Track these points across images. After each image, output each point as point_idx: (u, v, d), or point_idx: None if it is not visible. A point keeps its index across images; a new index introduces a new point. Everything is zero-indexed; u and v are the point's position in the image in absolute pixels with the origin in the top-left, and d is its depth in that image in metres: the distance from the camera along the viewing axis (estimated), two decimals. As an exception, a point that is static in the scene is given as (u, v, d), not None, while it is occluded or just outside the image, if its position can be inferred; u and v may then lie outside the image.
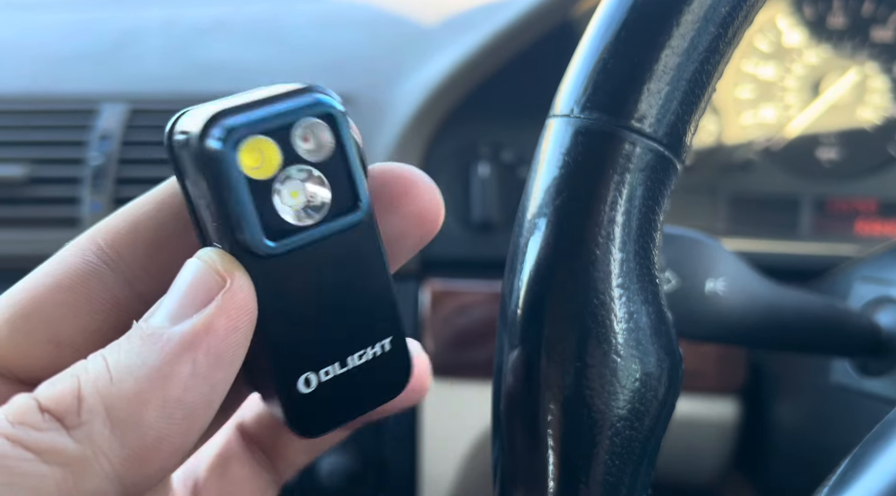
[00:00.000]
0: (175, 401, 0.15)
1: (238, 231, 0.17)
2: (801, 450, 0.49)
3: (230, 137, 0.16)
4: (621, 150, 0.22)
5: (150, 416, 0.15)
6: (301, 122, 0.17)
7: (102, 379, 0.15)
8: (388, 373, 0.20)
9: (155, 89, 0.67)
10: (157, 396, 0.15)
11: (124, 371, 0.15)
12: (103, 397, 0.15)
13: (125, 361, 0.15)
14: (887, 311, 0.38)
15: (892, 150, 0.64)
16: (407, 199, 0.20)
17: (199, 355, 0.16)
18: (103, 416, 0.15)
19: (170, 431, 0.15)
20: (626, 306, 0.22)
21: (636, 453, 0.23)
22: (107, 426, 0.15)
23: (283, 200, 0.17)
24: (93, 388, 0.15)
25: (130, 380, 0.15)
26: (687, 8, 0.23)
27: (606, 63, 0.23)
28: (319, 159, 0.18)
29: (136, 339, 0.16)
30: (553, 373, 0.22)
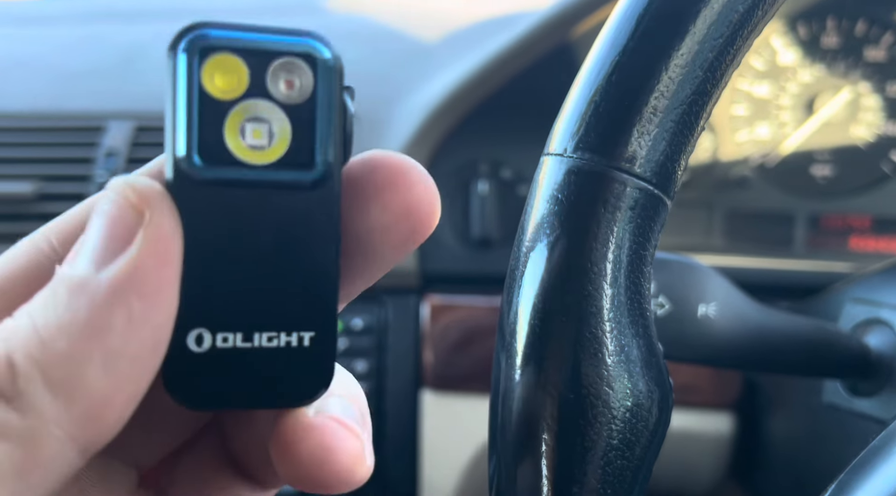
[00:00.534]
0: (117, 352, 0.14)
1: (176, 146, 0.16)
2: (794, 466, 0.50)
3: (196, 46, 0.16)
4: (612, 189, 0.23)
5: (92, 374, 0.14)
6: (283, 56, 0.16)
7: (32, 341, 0.14)
8: (298, 373, 0.17)
9: (160, 106, 0.68)
10: (97, 351, 0.14)
11: (55, 329, 0.14)
12: (37, 361, 0.14)
13: (54, 318, 0.14)
14: (877, 333, 0.39)
15: (886, 167, 0.65)
16: (395, 188, 0.18)
17: (132, 299, 0.14)
18: (42, 382, 0.14)
19: (118, 384, 0.14)
20: (618, 339, 0.23)
21: (627, 481, 0.24)
22: (48, 391, 0.14)
23: (234, 130, 0.16)
24: (24, 353, 0.14)
25: (63, 339, 0.14)
26: (675, 53, 0.24)
27: (598, 105, 0.24)
28: (290, 102, 0.16)
29: (61, 291, 0.14)
30: (547, 404, 0.23)
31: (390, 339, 0.63)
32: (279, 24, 0.56)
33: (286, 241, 0.16)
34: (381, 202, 0.18)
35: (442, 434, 0.62)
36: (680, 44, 0.23)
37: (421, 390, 0.63)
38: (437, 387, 0.62)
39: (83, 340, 0.14)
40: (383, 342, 0.63)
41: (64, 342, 0.14)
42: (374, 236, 0.18)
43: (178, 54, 0.16)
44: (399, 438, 0.63)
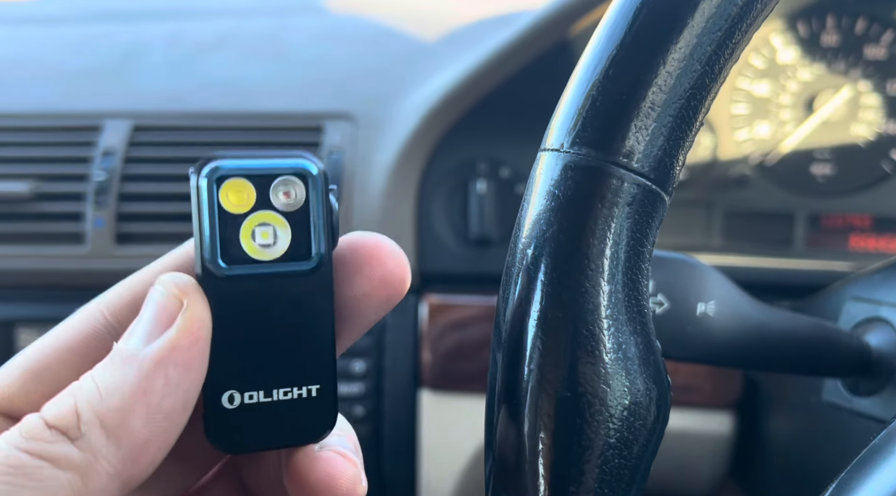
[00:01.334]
0: (155, 408, 0.19)
1: (203, 251, 0.20)
2: (795, 466, 0.49)
3: (214, 174, 0.20)
4: (609, 184, 0.23)
5: (136, 423, 0.19)
6: (281, 176, 0.21)
7: (94, 396, 0.19)
8: (309, 417, 0.22)
9: (157, 106, 0.68)
10: (140, 406, 0.19)
11: (111, 388, 0.19)
12: (96, 412, 0.18)
13: (110, 380, 0.19)
14: (877, 332, 0.39)
15: (886, 166, 0.65)
16: (373, 262, 0.22)
17: (170, 368, 0.19)
18: (98, 427, 0.18)
19: (154, 433, 0.19)
20: (615, 337, 0.23)
21: (625, 480, 0.23)
22: (102, 435, 0.18)
23: (247, 235, 0.21)
24: (87, 405, 0.18)
25: (117, 396, 0.18)
26: (673, 47, 0.23)
27: (595, 100, 0.24)
28: (288, 210, 0.21)
29: (117, 361, 0.19)
30: (543, 402, 0.23)
31: (388, 339, 0.62)
32: (281, 23, 0.57)
33: (292, 317, 0.21)
34: (362, 276, 0.22)
35: (440, 434, 0.62)
36: (678, 37, 0.23)
37: (419, 390, 0.63)
38: (436, 387, 0.62)
39: (131, 397, 0.19)
40: (381, 342, 0.63)
41: (117, 398, 0.18)
42: (358, 302, 0.22)
43: (200, 181, 0.20)
44: (397, 438, 0.63)
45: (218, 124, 0.66)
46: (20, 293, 0.64)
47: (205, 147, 0.65)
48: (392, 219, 0.62)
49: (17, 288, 0.63)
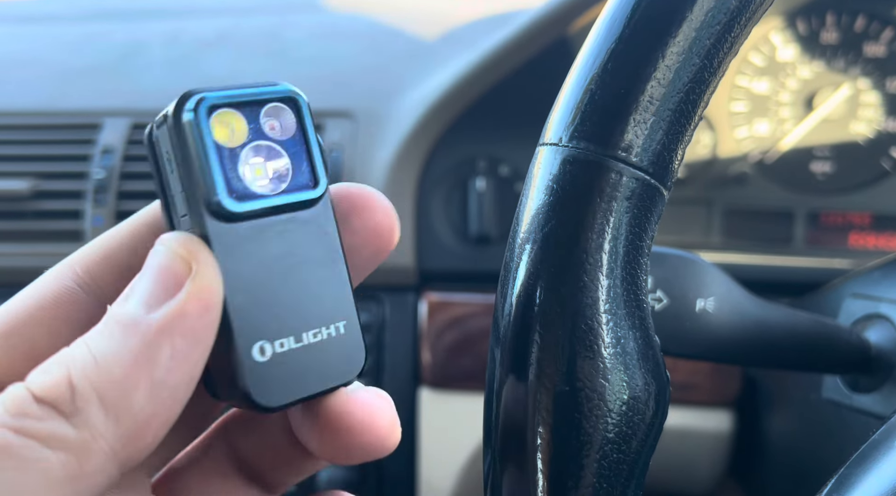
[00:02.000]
0: (160, 383, 0.17)
1: (208, 192, 0.18)
2: (794, 462, 0.49)
3: (201, 106, 0.18)
4: (608, 178, 0.23)
5: (139, 399, 0.16)
6: (268, 103, 0.20)
7: (90, 366, 0.16)
8: (341, 356, 0.21)
9: (157, 104, 0.68)
10: (144, 380, 0.16)
11: (110, 358, 0.16)
12: (94, 384, 0.16)
13: (108, 349, 0.16)
14: (877, 328, 0.39)
15: (886, 164, 0.65)
16: (362, 213, 0.21)
17: (177, 339, 0.17)
18: (97, 403, 0.16)
19: (158, 409, 0.17)
20: (614, 331, 0.23)
21: (624, 475, 0.23)
22: (101, 411, 0.16)
23: (248, 169, 0.19)
24: (82, 376, 0.16)
25: (117, 366, 0.16)
26: (672, 40, 0.23)
27: (593, 94, 0.24)
28: (282, 138, 0.20)
29: (114, 327, 0.17)
30: (542, 397, 0.23)
31: (388, 337, 0.62)
32: (280, 21, 0.58)
33: (306, 252, 0.20)
34: (350, 226, 0.21)
35: (440, 432, 0.62)
36: (676, 31, 0.23)
37: (419, 388, 0.63)
38: (435, 385, 0.62)
39: (134, 369, 0.16)
40: (381, 340, 0.63)
41: (118, 370, 0.16)
42: (348, 255, 0.21)
43: (185, 115, 0.18)
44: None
45: (217, 122, 0.66)
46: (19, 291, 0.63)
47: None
48: (391, 216, 0.62)
49: (16, 286, 0.63)
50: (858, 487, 0.24)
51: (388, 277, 0.62)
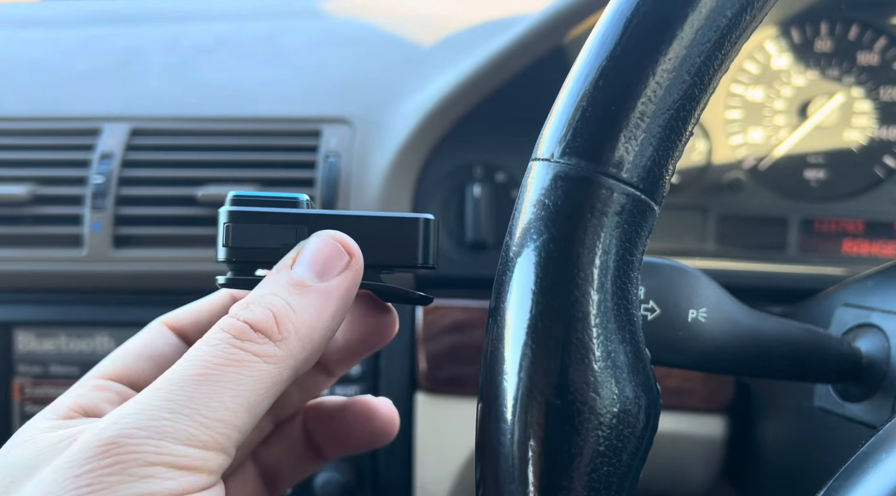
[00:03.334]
0: (328, 327, 0.26)
1: None
2: (786, 470, 0.50)
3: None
4: (599, 194, 0.23)
5: (316, 335, 0.25)
6: None
7: (288, 311, 0.25)
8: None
9: (156, 110, 0.68)
10: (320, 324, 0.26)
11: (302, 308, 0.25)
12: (293, 323, 0.25)
13: (297, 301, 0.25)
14: (868, 338, 0.39)
15: (879, 171, 0.65)
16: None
17: (340, 301, 0.26)
18: (295, 335, 0.25)
19: (322, 343, 0.26)
20: (605, 345, 0.23)
21: (614, 488, 0.23)
22: (297, 341, 0.25)
23: None
24: (285, 317, 0.25)
25: (307, 314, 0.25)
26: (663, 58, 0.24)
27: (585, 110, 0.24)
28: None
29: (295, 286, 0.26)
30: (533, 410, 0.23)
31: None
32: (279, 27, 0.60)
33: None
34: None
35: (435, 436, 0.62)
36: (667, 48, 0.23)
37: (415, 393, 0.63)
38: (431, 390, 0.62)
39: (317, 317, 0.26)
40: (377, 345, 0.63)
41: (307, 316, 0.25)
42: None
43: None
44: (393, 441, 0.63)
45: (216, 128, 0.66)
46: (18, 296, 0.64)
47: (202, 151, 0.65)
48: (388, 223, 0.62)
49: (15, 291, 0.64)
50: (846, 499, 0.24)
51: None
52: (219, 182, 0.63)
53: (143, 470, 0.21)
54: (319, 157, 0.64)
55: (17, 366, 0.63)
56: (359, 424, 0.33)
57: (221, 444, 0.23)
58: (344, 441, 0.33)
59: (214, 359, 0.23)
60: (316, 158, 0.64)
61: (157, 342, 0.31)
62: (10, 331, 0.63)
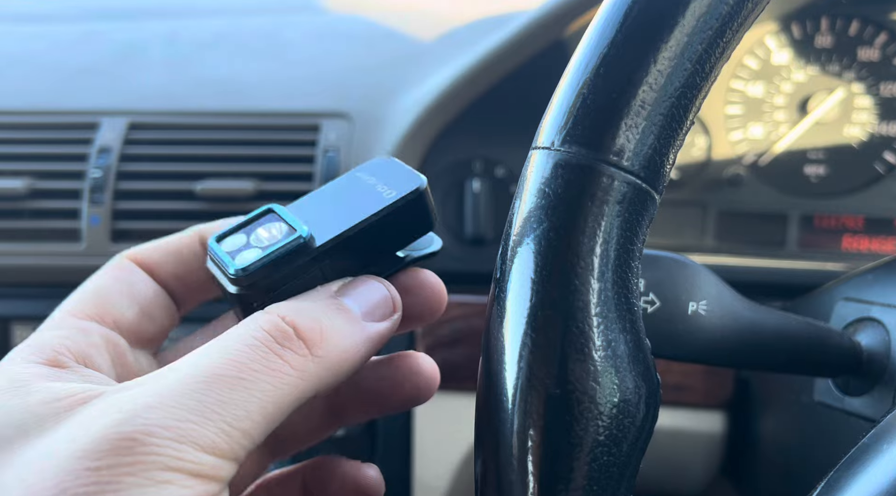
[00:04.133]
0: (353, 367, 0.25)
1: None
2: (785, 464, 0.50)
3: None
4: (599, 183, 0.23)
5: (344, 368, 0.25)
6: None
7: (333, 332, 0.24)
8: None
9: (154, 104, 0.68)
10: (351, 359, 0.25)
11: (345, 337, 0.25)
12: (334, 344, 0.24)
13: (343, 327, 0.25)
14: (868, 332, 0.39)
15: (879, 167, 0.65)
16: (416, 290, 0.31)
17: (372, 347, 0.26)
18: (330, 356, 0.24)
19: (341, 380, 0.25)
20: (605, 334, 0.23)
21: (614, 478, 0.23)
22: (327, 365, 0.24)
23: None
24: (329, 333, 0.24)
25: (347, 342, 0.25)
26: (664, 45, 0.23)
27: (585, 98, 0.24)
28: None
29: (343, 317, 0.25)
30: (533, 400, 0.23)
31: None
32: (278, 22, 0.61)
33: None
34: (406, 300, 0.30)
35: (434, 432, 0.62)
36: (669, 36, 0.23)
37: (413, 389, 0.63)
38: (430, 386, 0.62)
39: (353, 352, 0.25)
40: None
41: (345, 348, 0.25)
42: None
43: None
44: (391, 436, 0.63)
45: (214, 123, 0.66)
46: (16, 290, 0.63)
47: (201, 145, 0.65)
48: (387, 217, 0.62)
49: (13, 285, 0.63)
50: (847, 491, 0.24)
51: (383, 278, 0.62)
52: (217, 176, 0.63)
53: (162, 474, 0.20)
54: (318, 152, 0.63)
55: (15, 360, 0.62)
56: (407, 381, 0.32)
57: (236, 454, 0.22)
58: (385, 399, 0.32)
59: (251, 364, 0.22)
60: (315, 153, 0.64)
61: (133, 280, 0.29)
62: (8, 326, 0.63)
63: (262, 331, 0.23)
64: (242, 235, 0.27)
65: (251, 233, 0.27)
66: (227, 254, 0.26)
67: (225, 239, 0.27)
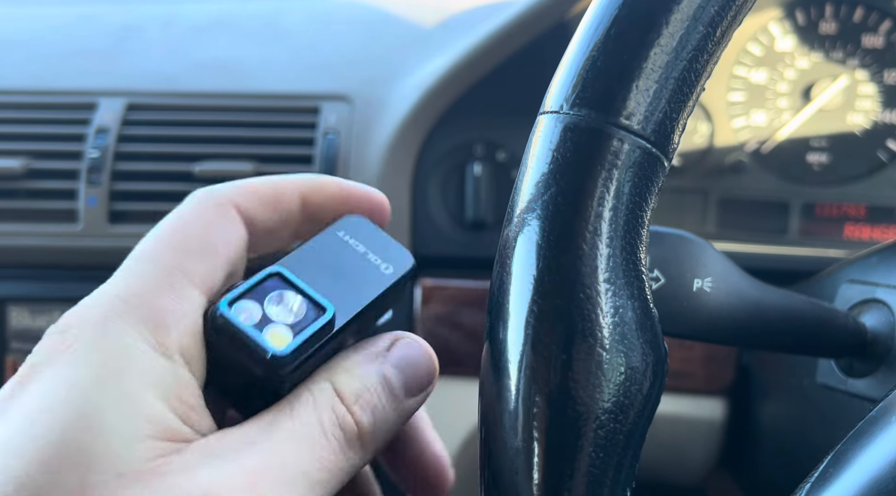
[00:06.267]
0: (391, 435, 0.25)
1: None
2: (787, 449, 0.49)
3: None
4: (609, 146, 0.23)
5: (382, 445, 0.25)
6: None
7: (380, 423, 0.25)
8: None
9: (153, 85, 0.67)
10: (390, 433, 0.25)
11: (388, 421, 0.25)
12: (376, 436, 0.25)
13: (388, 415, 0.25)
14: (873, 313, 0.39)
15: (882, 155, 0.65)
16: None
17: (405, 420, 0.26)
18: (373, 447, 0.24)
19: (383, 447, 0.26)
20: (612, 301, 0.23)
21: (620, 446, 0.23)
22: (372, 452, 0.24)
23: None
24: (380, 429, 0.25)
25: (388, 428, 0.25)
26: (676, 7, 0.23)
27: (596, 60, 0.23)
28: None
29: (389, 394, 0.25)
30: (539, 366, 0.23)
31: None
32: (278, 5, 0.60)
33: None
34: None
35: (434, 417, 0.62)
36: (681, -3, 0.23)
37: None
38: (429, 371, 0.61)
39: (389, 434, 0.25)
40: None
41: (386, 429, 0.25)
42: None
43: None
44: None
45: (213, 104, 0.65)
46: (12, 272, 0.63)
47: (199, 127, 0.64)
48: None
49: (9, 266, 0.63)
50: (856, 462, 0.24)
51: (382, 262, 0.62)
52: (215, 158, 0.62)
53: None
54: (318, 134, 0.63)
55: (11, 343, 0.62)
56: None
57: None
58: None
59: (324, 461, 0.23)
60: (315, 135, 0.63)
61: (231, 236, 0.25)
62: (4, 308, 0.62)
63: (336, 427, 0.23)
64: (254, 304, 0.24)
65: (263, 301, 0.24)
66: (255, 330, 0.23)
67: (234, 304, 0.24)
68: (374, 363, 0.25)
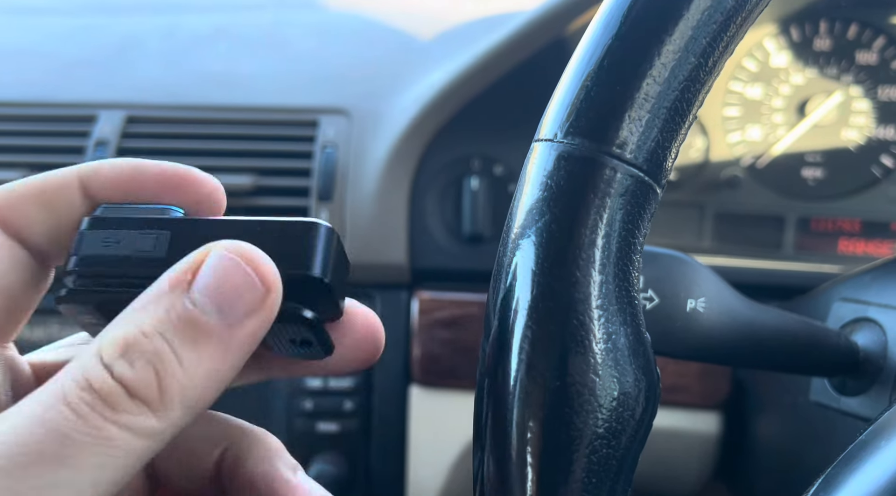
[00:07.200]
0: (221, 386, 0.20)
1: None
2: (781, 464, 0.50)
3: None
4: (602, 175, 0.23)
5: (206, 398, 0.19)
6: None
7: (177, 371, 0.19)
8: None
9: (153, 98, 0.68)
10: (214, 385, 0.19)
11: (195, 365, 0.19)
12: (180, 386, 0.19)
13: (191, 356, 0.19)
14: (865, 332, 0.39)
15: (876, 171, 0.66)
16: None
17: (244, 351, 0.20)
18: (179, 404, 0.19)
19: (210, 404, 0.20)
20: (605, 327, 0.23)
21: (613, 471, 0.23)
22: (181, 410, 0.19)
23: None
24: (171, 378, 0.18)
25: (201, 375, 0.19)
26: (668, 38, 0.23)
27: (589, 90, 0.24)
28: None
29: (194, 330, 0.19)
30: (533, 392, 0.23)
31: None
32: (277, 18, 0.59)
33: None
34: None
35: (429, 429, 0.62)
36: (673, 29, 0.23)
37: (409, 385, 0.62)
38: (425, 383, 0.62)
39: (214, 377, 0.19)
40: (372, 337, 0.62)
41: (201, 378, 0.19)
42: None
43: None
44: (386, 433, 0.63)
45: (212, 117, 0.66)
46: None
47: (198, 140, 0.64)
48: (385, 214, 0.62)
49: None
50: (845, 487, 0.24)
51: (380, 275, 0.62)
52: (215, 171, 0.62)
53: None
54: (317, 148, 0.63)
55: (8, 353, 0.62)
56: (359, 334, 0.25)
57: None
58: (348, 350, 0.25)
59: (75, 435, 0.17)
60: (313, 149, 0.63)
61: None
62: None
63: (88, 391, 0.18)
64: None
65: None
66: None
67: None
68: (162, 300, 0.19)
